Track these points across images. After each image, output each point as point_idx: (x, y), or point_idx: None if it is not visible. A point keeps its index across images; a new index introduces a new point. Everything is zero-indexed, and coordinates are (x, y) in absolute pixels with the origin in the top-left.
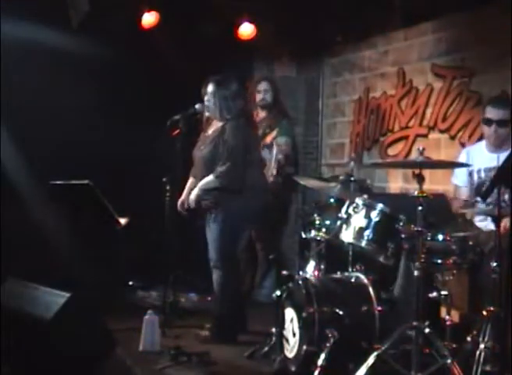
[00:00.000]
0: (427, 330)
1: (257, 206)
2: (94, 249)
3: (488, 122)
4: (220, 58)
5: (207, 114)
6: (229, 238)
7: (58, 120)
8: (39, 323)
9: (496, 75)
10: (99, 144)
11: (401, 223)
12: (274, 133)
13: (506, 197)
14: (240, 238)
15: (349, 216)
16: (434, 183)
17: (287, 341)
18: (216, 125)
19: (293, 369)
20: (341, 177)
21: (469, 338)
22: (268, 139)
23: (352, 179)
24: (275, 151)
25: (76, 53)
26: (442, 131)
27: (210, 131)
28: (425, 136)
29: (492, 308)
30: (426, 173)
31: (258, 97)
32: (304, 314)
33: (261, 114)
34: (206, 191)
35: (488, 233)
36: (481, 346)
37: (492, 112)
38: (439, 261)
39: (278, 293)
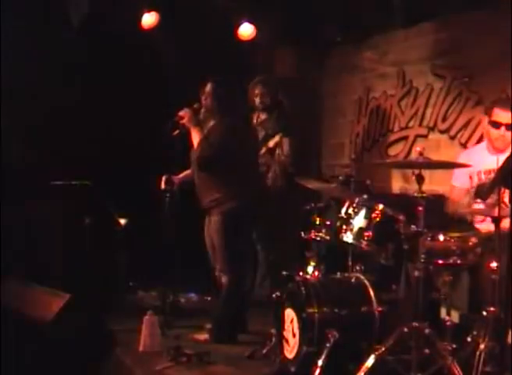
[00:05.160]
0: (427, 331)
1: (255, 208)
2: (94, 249)
3: (497, 125)
4: (220, 58)
5: (203, 113)
6: (232, 242)
7: (58, 120)
8: (39, 323)
9: (496, 75)
10: (99, 144)
11: (401, 224)
12: (277, 138)
13: (506, 197)
14: (242, 241)
15: (349, 216)
16: (434, 183)
17: (287, 341)
18: (211, 124)
19: (292, 369)
20: (341, 177)
21: (469, 338)
22: (271, 144)
23: (352, 179)
24: (277, 153)
25: (77, 52)
26: (442, 131)
27: (205, 131)
28: (425, 136)
29: (492, 309)
30: (426, 173)
31: (256, 101)
32: (303, 314)
33: (262, 116)
34: None
35: (487, 233)
36: (481, 346)
37: (500, 115)
38: (439, 261)
39: (278, 293)
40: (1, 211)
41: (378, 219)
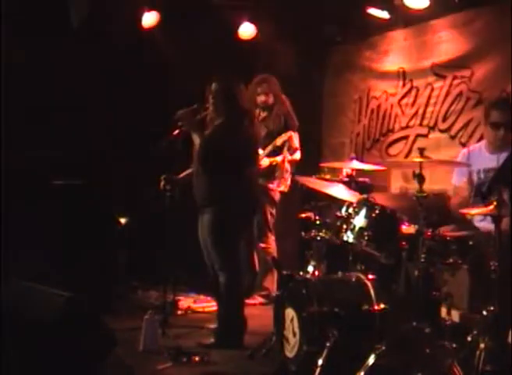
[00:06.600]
0: (427, 330)
1: (251, 208)
2: (94, 249)
3: (496, 126)
4: (220, 58)
5: (210, 113)
6: (224, 241)
7: (58, 120)
8: (39, 323)
9: (496, 75)
10: (99, 143)
11: (401, 223)
12: (284, 137)
13: (506, 197)
14: (235, 240)
15: (349, 215)
16: (434, 182)
17: (287, 340)
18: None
19: (293, 369)
20: (341, 177)
21: (469, 338)
22: (279, 142)
23: (352, 179)
24: (285, 153)
25: (77, 53)
26: (442, 131)
27: (211, 130)
28: (425, 136)
29: (492, 308)
30: (426, 172)
31: (259, 99)
32: (304, 314)
33: (263, 114)
34: None
35: (487, 233)
36: (481, 346)
37: (499, 116)
38: (439, 261)
39: (278, 293)
40: (1, 211)
41: (378, 218)
